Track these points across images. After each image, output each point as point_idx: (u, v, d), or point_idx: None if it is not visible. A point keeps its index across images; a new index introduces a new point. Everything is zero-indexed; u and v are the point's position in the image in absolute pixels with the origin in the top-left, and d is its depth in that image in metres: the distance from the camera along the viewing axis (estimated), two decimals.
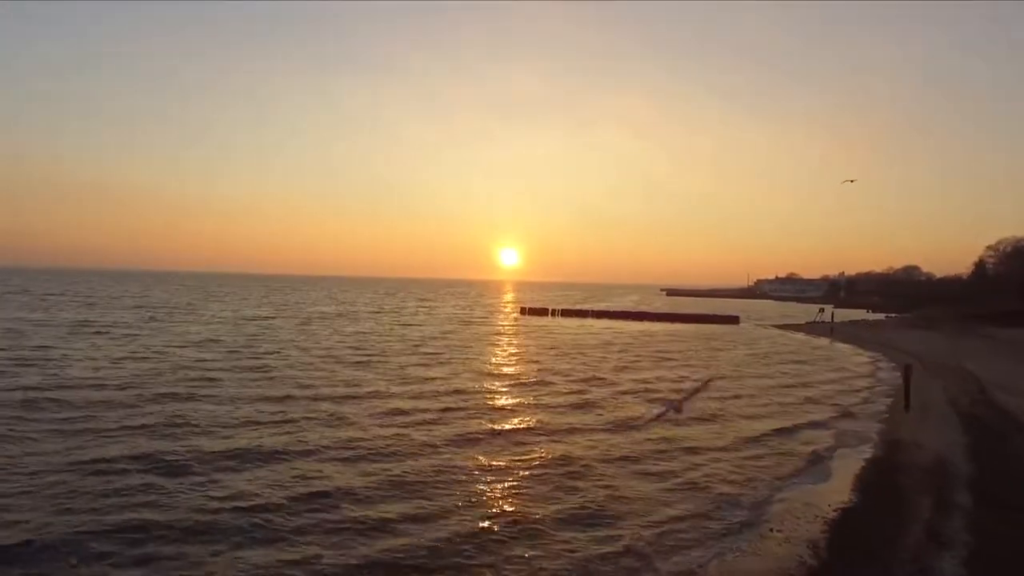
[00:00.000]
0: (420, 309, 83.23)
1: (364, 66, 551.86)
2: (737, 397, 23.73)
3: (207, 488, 11.79)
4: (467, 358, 32.92)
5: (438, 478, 12.98)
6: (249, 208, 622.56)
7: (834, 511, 11.67)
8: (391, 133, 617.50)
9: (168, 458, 13.46)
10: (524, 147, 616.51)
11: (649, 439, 16.61)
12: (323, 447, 14.75)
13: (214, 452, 13.98)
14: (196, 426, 16.22)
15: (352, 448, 14.78)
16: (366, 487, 12.21)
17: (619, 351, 39.10)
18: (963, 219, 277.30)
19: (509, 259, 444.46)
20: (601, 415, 19.70)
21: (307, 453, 14.28)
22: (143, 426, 16.04)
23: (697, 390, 18.94)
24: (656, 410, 18.31)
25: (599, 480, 13.24)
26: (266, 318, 56.71)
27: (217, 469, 12.90)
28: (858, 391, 26.55)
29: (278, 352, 31.95)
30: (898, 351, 41.81)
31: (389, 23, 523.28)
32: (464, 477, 13.19)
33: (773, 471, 14.43)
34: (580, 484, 12.92)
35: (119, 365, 25.88)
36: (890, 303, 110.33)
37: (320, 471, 13.03)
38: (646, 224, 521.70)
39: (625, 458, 14.93)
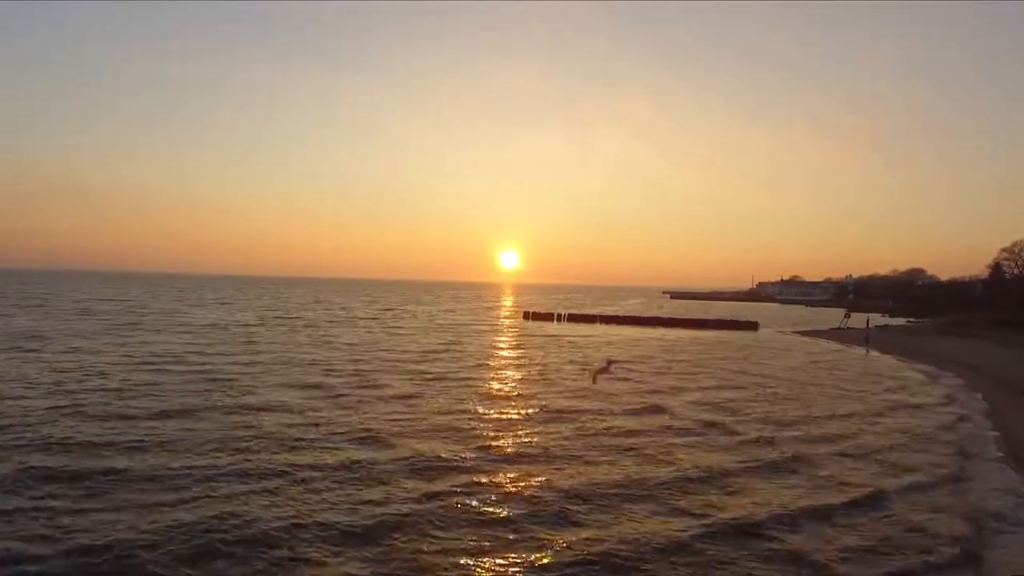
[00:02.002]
0: (423, 312, 78.58)
1: (363, 67, 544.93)
2: (823, 440, 19.14)
3: None
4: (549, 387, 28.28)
5: None
6: (248, 209, 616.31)
7: None
8: (390, 134, 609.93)
9: None
10: (524, 148, 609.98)
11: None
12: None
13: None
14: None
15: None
16: None
17: (673, 361, 35.38)
18: (968, 221, 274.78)
19: (508, 261, 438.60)
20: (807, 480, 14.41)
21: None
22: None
23: None
24: None
25: None
26: (250, 325, 51.94)
27: None
28: (948, 424, 21.75)
29: (257, 372, 27.24)
30: (954, 363, 37.23)
31: (389, 24, 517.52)
32: None
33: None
34: None
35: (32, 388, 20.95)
36: (905, 306, 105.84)
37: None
38: (646, 226, 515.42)
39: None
